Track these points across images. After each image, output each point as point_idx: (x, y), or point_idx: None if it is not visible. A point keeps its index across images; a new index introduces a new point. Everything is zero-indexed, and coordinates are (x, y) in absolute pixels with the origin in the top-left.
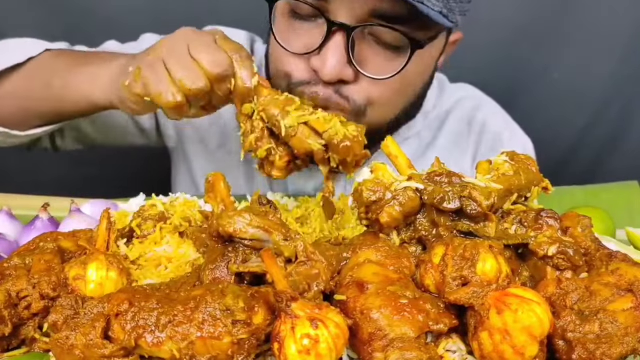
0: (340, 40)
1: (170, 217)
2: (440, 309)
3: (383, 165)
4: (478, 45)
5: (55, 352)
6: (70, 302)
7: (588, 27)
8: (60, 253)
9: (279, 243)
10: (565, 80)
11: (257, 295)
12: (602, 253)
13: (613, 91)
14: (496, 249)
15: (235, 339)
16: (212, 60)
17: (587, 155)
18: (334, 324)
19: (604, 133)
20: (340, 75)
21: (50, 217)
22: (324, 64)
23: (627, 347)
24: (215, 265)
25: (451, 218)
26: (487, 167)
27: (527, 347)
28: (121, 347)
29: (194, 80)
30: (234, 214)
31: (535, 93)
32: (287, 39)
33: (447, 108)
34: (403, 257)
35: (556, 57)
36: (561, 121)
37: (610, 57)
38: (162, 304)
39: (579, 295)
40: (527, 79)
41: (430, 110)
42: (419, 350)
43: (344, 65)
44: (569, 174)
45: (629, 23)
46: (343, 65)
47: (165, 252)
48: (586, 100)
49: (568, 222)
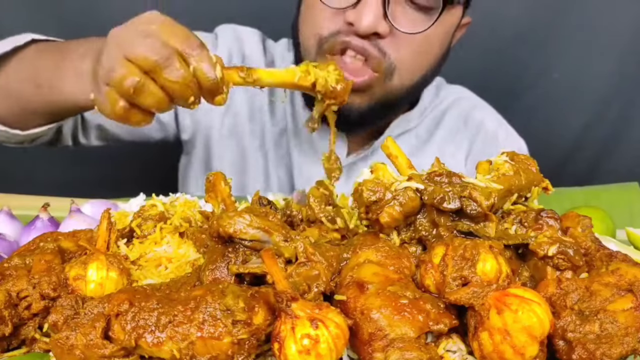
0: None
1: (170, 217)
2: (440, 309)
3: (383, 165)
4: (478, 45)
5: (55, 352)
6: (70, 302)
7: (588, 27)
8: (61, 253)
9: (279, 244)
10: (565, 80)
11: (257, 296)
12: (602, 253)
13: (613, 91)
14: (496, 249)
15: (235, 339)
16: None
17: (587, 155)
18: (334, 324)
19: (604, 133)
20: (375, 27)
21: (50, 217)
22: (361, 15)
23: (627, 347)
24: (215, 265)
25: (451, 218)
26: (487, 167)
27: (527, 347)
28: (121, 347)
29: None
30: (234, 215)
31: (535, 93)
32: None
33: (444, 106)
34: (403, 257)
35: (556, 57)
36: (561, 121)
37: (610, 57)
38: (162, 304)
39: (579, 295)
40: (527, 79)
41: (427, 106)
42: (419, 350)
43: (380, 18)
44: (569, 174)
45: (629, 23)
46: (379, 18)
47: (165, 252)
48: (586, 100)
49: (568, 222)
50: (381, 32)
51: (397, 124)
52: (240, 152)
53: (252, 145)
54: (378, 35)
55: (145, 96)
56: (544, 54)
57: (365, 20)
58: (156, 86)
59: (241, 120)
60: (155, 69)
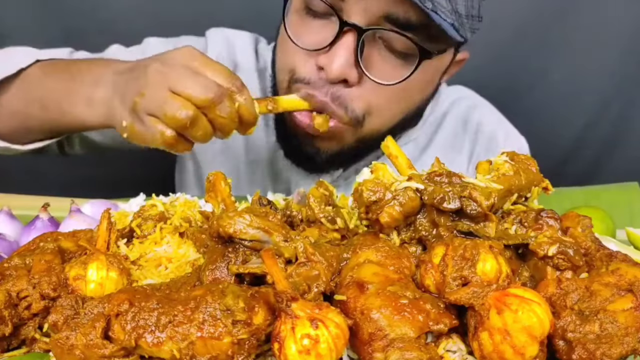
0: (351, 41)
1: (170, 217)
2: (440, 309)
3: (383, 165)
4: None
5: (55, 352)
6: (70, 302)
7: (588, 28)
8: (61, 253)
9: (279, 244)
10: (565, 81)
11: (257, 295)
12: (602, 253)
13: (613, 91)
14: (496, 249)
15: (235, 339)
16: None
17: (587, 155)
18: (334, 324)
19: (604, 133)
20: (345, 74)
21: (50, 217)
22: (332, 61)
23: (627, 347)
24: (215, 265)
25: (451, 218)
26: (487, 167)
27: (527, 347)
28: (121, 347)
29: (183, 113)
30: (234, 215)
31: (535, 93)
32: (298, 34)
33: (443, 111)
34: (403, 257)
35: (556, 57)
36: (561, 121)
37: (610, 57)
38: (162, 304)
39: (579, 295)
40: (527, 79)
41: (426, 116)
42: (419, 350)
43: (351, 65)
44: (569, 174)
45: (629, 23)
46: (350, 65)
47: (165, 252)
48: (586, 100)
49: (568, 222)
50: (350, 80)
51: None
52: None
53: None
54: (346, 82)
55: (197, 129)
56: (544, 54)
57: (335, 66)
58: (206, 120)
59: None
60: (210, 105)
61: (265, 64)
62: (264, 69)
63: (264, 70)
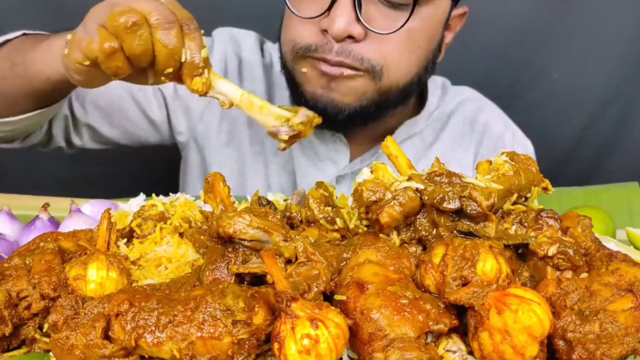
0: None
1: (170, 217)
2: (440, 309)
3: (383, 165)
4: (478, 45)
5: (55, 352)
6: (70, 302)
7: (588, 27)
8: (61, 253)
9: (279, 244)
10: (565, 80)
11: (257, 295)
12: (602, 253)
13: (613, 91)
14: (496, 249)
15: (235, 339)
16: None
17: (587, 155)
18: (334, 324)
19: (604, 133)
20: (349, 30)
21: (50, 217)
22: (334, 21)
23: (627, 347)
24: (215, 265)
25: (451, 218)
26: (487, 167)
27: (527, 347)
28: (121, 347)
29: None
30: (234, 215)
31: (535, 93)
32: (299, 6)
33: (450, 109)
34: (403, 257)
35: (556, 57)
36: (561, 121)
37: (610, 57)
38: (162, 304)
39: (579, 295)
40: (527, 79)
41: (433, 110)
42: (419, 350)
43: (353, 21)
44: (569, 174)
45: (629, 23)
46: (352, 22)
47: (165, 252)
48: (586, 100)
49: (568, 222)
50: (355, 34)
51: (403, 129)
52: (239, 158)
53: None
54: (353, 38)
55: (137, 39)
56: (544, 54)
57: (337, 25)
58: (149, 36)
59: (239, 126)
60: (156, 23)
61: (271, 60)
62: (270, 65)
63: (269, 66)
